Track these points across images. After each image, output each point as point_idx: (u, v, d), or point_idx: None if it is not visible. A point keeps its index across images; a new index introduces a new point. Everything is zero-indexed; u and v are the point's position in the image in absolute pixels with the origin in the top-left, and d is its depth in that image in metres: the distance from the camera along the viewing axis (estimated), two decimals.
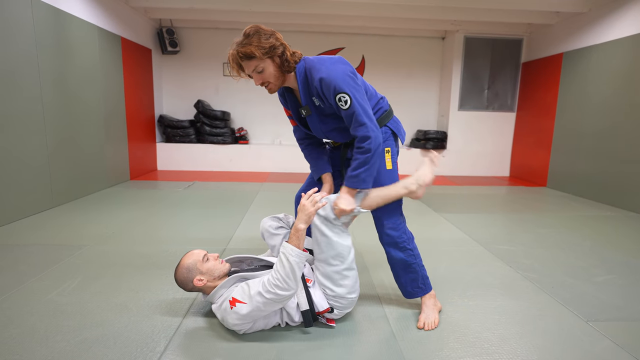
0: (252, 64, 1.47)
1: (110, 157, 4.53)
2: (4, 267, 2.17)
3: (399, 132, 1.69)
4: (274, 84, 1.53)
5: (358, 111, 1.45)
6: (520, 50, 5.99)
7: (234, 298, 1.43)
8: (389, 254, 1.70)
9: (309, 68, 1.51)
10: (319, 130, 1.67)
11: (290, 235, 1.44)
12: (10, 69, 2.96)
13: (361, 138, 1.48)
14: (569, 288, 2.06)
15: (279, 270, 1.39)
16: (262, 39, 1.44)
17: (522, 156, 6.02)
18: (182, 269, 1.56)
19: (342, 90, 1.44)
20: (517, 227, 3.28)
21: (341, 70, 1.46)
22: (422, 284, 1.72)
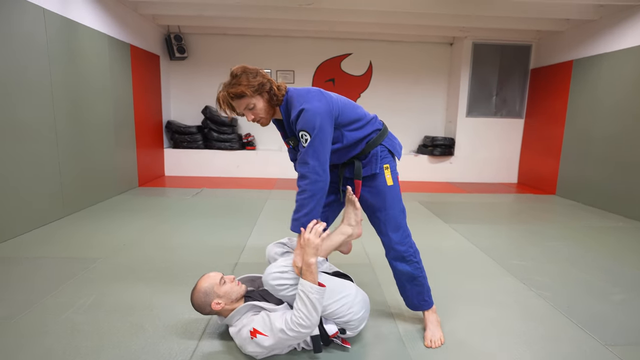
0: (244, 102, 1.52)
1: (120, 164, 4.56)
2: (19, 282, 2.19)
3: (394, 149, 1.71)
4: (266, 118, 1.59)
5: (309, 151, 1.47)
6: (529, 56, 5.95)
7: (255, 329, 1.43)
8: (395, 267, 1.73)
9: (288, 101, 1.56)
10: None
11: (304, 272, 1.44)
12: (23, 79, 2.98)
13: (300, 175, 1.51)
14: (585, 308, 2.04)
15: (301, 309, 1.39)
16: (250, 78, 1.50)
17: (530, 163, 5.99)
18: (199, 293, 1.56)
19: (305, 128, 1.47)
20: (527, 239, 3.26)
21: (316, 109, 1.47)
22: (427, 297, 1.76)
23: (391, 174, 1.68)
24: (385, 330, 1.79)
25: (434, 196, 4.97)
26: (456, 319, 1.90)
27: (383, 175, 1.65)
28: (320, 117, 1.47)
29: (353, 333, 1.62)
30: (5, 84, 2.81)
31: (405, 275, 1.72)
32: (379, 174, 1.65)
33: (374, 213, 1.70)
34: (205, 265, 2.46)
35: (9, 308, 1.90)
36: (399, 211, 1.68)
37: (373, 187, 1.66)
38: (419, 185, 5.71)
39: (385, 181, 1.66)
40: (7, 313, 1.85)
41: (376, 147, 1.65)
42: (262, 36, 6.12)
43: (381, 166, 1.66)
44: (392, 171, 1.68)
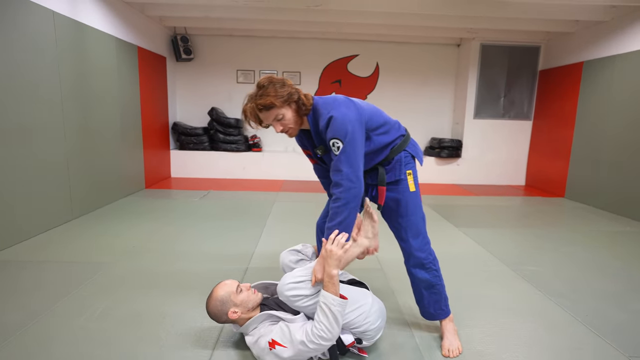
0: (272, 113, 1.50)
1: (127, 166, 4.55)
2: (29, 287, 2.17)
3: (417, 155, 1.70)
4: (294, 129, 1.57)
5: (341, 158, 1.45)
6: (538, 58, 5.89)
7: (273, 340, 1.41)
8: (414, 275, 1.70)
9: (315, 109, 1.54)
10: None
11: (326, 283, 1.41)
12: (33, 81, 2.98)
13: (334, 183, 1.48)
14: (604, 317, 2.00)
15: (322, 322, 1.37)
16: (277, 88, 1.48)
17: (538, 165, 5.93)
18: (216, 302, 1.54)
19: (337, 136, 1.45)
20: (540, 244, 3.22)
21: (345, 116, 1.46)
22: (444, 306, 1.73)
23: (414, 180, 1.66)
24: (401, 339, 1.76)
25: (441, 199, 4.93)
26: (472, 327, 1.87)
27: (406, 181, 1.63)
28: (350, 123, 1.45)
29: (369, 343, 1.60)
30: (15, 86, 2.80)
31: (423, 283, 1.69)
32: (402, 179, 1.63)
33: (396, 219, 1.67)
34: (216, 271, 2.44)
35: (21, 314, 1.88)
36: (420, 218, 1.67)
37: (396, 193, 1.64)
38: (425, 188, 5.66)
39: (408, 187, 1.64)
40: (20, 319, 1.83)
41: (400, 152, 1.64)
42: (268, 37, 6.09)
43: (405, 172, 1.64)
44: (414, 177, 1.66)
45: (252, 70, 6.24)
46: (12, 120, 2.78)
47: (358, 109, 1.51)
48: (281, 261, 1.85)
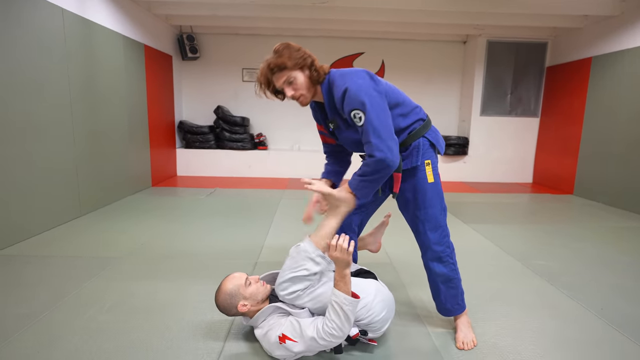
0: (284, 74, 1.47)
1: (134, 163, 4.56)
2: (41, 281, 2.18)
3: (437, 143, 1.61)
4: (306, 95, 1.53)
5: (367, 129, 1.41)
6: (545, 54, 5.85)
7: (284, 335, 1.39)
8: (432, 269, 1.65)
9: (331, 81, 1.50)
10: (348, 142, 1.61)
11: (337, 282, 1.37)
12: (43, 79, 2.99)
13: (368, 155, 1.45)
14: (619, 310, 1.97)
15: (334, 320, 1.34)
16: (292, 52, 1.47)
17: (546, 162, 5.88)
18: (225, 295, 1.52)
19: (356, 107, 1.41)
20: (550, 239, 3.18)
21: (360, 85, 1.42)
22: (460, 301, 1.69)
23: (432, 170, 1.58)
24: (414, 331, 1.74)
25: (449, 196, 4.86)
26: (485, 320, 1.85)
27: (424, 171, 1.57)
28: (367, 93, 1.41)
29: (376, 334, 1.57)
30: (24, 83, 2.82)
31: (440, 277, 1.65)
32: (419, 168, 1.56)
33: (413, 212, 1.61)
34: (225, 265, 2.44)
35: (32, 306, 1.88)
36: (439, 210, 1.61)
37: (413, 183, 1.58)
38: None
39: (426, 177, 1.57)
40: (30, 311, 1.84)
41: (419, 139, 1.56)
42: (274, 35, 6.09)
43: (422, 160, 1.56)
44: (433, 168, 1.59)
45: (257, 69, 6.21)
46: (20, 118, 2.79)
47: (375, 80, 1.46)
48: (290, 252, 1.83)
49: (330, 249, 1.37)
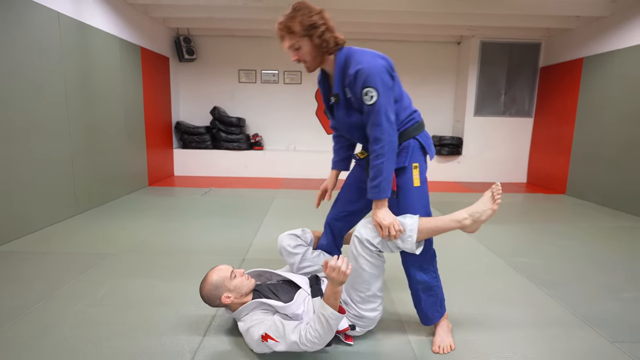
0: (290, 39, 1.46)
1: (130, 163, 4.64)
2: (36, 276, 2.25)
3: (428, 148, 1.60)
4: (311, 63, 1.51)
5: (378, 109, 1.40)
6: (538, 54, 5.89)
7: (267, 334, 1.44)
8: (412, 277, 1.63)
9: (348, 56, 1.47)
10: (343, 123, 1.59)
11: (328, 295, 1.39)
12: (39, 81, 3.07)
13: (374, 139, 1.43)
14: (594, 306, 2.02)
15: (317, 330, 1.38)
16: (305, 16, 1.42)
17: (540, 162, 5.92)
18: (209, 285, 1.57)
19: (372, 85, 1.39)
20: (537, 238, 3.23)
21: (379, 65, 1.41)
22: (440, 307, 1.67)
23: (419, 174, 1.56)
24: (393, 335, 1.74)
25: (441, 196, 4.94)
26: (461, 318, 1.89)
27: (411, 174, 1.55)
28: (385, 75, 1.41)
29: (361, 331, 1.62)
30: (20, 85, 2.90)
31: (421, 285, 1.63)
32: (407, 169, 1.55)
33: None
34: (214, 262, 2.47)
35: (25, 299, 1.96)
36: (423, 215, 1.58)
37: (397, 184, 1.55)
38: None
39: (412, 180, 1.56)
40: (23, 303, 1.91)
41: (409, 139, 1.55)
42: (269, 37, 6.16)
43: (410, 163, 1.55)
44: (421, 172, 1.57)
45: (253, 70, 6.32)
46: (17, 119, 2.87)
47: (390, 63, 1.46)
48: (279, 244, 1.88)
49: (328, 268, 1.37)
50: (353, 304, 1.56)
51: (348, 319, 1.58)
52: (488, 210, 1.51)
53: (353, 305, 1.56)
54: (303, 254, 1.85)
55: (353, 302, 1.56)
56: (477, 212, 1.52)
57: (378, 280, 1.54)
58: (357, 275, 1.52)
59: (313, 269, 1.83)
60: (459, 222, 1.52)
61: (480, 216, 1.52)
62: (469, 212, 1.53)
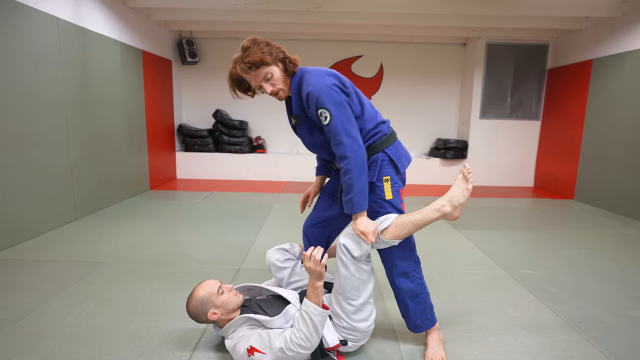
0: (262, 71, 1.46)
1: (131, 167, 4.64)
2: (27, 285, 2.24)
3: (397, 160, 1.58)
4: (284, 89, 1.52)
5: (337, 128, 1.40)
6: (546, 56, 5.76)
7: (252, 347, 1.40)
8: (398, 286, 1.61)
9: (301, 78, 1.50)
10: (307, 142, 1.61)
11: (309, 293, 1.41)
12: (37, 87, 3.06)
13: (339, 157, 1.44)
14: (599, 323, 1.94)
15: (302, 330, 1.36)
16: (264, 47, 1.45)
17: (547, 166, 5.79)
18: (196, 301, 1.53)
19: (323, 105, 1.40)
20: (542, 247, 3.14)
21: (328, 84, 1.42)
22: (430, 315, 1.65)
23: (391, 187, 1.56)
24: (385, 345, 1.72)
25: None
26: (458, 334, 1.83)
27: (381, 187, 1.56)
28: (334, 94, 1.41)
29: (354, 346, 1.58)
30: (18, 92, 2.89)
31: (408, 293, 1.61)
32: (375, 184, 1.55)
33: None
34: (209, 272, 2.47)
35: (15, 311, 1.94)
36: None
37: (370, 199, 1.54)
38: (429, 189, 5.60)
39: (384, 194, 1.56)
40: (13, 316, 1.89)
41: (377, 153, 1.55)
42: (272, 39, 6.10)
43: (380, 177, 1.55)
44: (392, 184, 1.57)
45: None
46: (15, 125, 2.86)
47: (342, 81, 1.46)
48: (267, 260, 1.85)
49: (304, 259, 1.40)
50: (344, 316, 1.52)
51: (339, 334, 1.54)
52: (464, 192, 1.50)
53: (344, 317, 1.52)
54: (292, 268, 1.82)
55: (345, 314, 1.52)
56: (455, 197, 1.50)
57: (368, 286, 1.52)
58: (346, 283, 1.49)
59: (303, 283, 1.79)
60: (439, 210, 1.50)
61: (458, 199, 1.50)
62: (446, 198, 1.52)
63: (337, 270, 1.52)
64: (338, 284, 1.52)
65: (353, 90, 1.53)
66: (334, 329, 1.55)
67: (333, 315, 1.56)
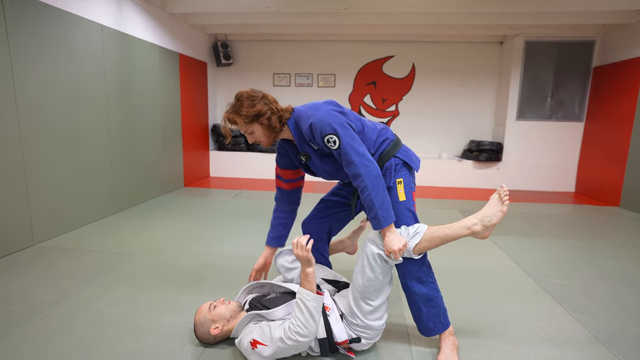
0: (242, 128, 1.59)
1: (167, 165, 4.88)
2: (68, 272, 2.43)
3: (411, 161, 1.65)
4: (266, 141, 1.62)
5: (345, 149, 1.46)
6: (592, 53, 5.41)
7: (254, 340, 1.45)
8: (410, 289, 1.61)
9: (297, 118, 1.58)
10: (323, 172, 1.70)
11: (302, 281, 1.45)
12: (82, 90, 3.31)
13: (353, 176, 1.49)
14: (632, 339, 1.81)
15: (298, 317, 1.40)
16: (249, 107, 1.52)
17: (590, 171, 5.43)
18: (197, 326, 1.63)
19: (328, 132, 1.47)
20: (577, 256, 2.96)
21: (326, 111, 1.49)
22: (443, 319, 1.63)
23: (404, 188, 1.60)
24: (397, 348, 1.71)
25: (477, 204, 4.70)
26: (474, 342, 1.78)
27: (395, 190, 1.59)
28: (334, 117, 1.48)
29: (368, 343, 1.59)
30: (66, 92, 3.14)
31: (421, 297, 1.60)
32: (392, 188, 1.60)
33: None
34: (232, 267, 2.57)
35: (55, 294, 2.12)
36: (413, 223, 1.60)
37: None
38: (461, 192, 5.43)
39: (397, 196, 1.59)
40: (52, 299, 2.07)
41: (389, 160, 1.61)
42: (303, 41, 6.21)
43: (394, 180, 1.60)
44: (405, 186, 1.61)
45: (287, 74, 6.39)
46: (63, 123, 3.12)
47: (336, 105, 1.54)
48: (277, 263, 1.90)
49: (293, 247, 1.47)
50: (360, 315, 1.54)
51: (352, 332, 1.56)
52: (498, 213, 1.49)
53: (360, 316, 1.54)
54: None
55: (361, 313, 1.53)
56: (487, 217, 1.50)
57: (388, 289, 1.55)
58: (370, 284, 1.51)
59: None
60: (469, 228, 1.50)
61: (490, 220, 1.49)
62: (478, 217, 1.51)
63: (361, 272, 1.53)
64: (360, 284, 1.53)
65: (348, 110, 1.60)
66: (346, 326, 1.57)
67: (347, 314, 1.58)
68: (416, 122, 6.24)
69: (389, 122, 6.36)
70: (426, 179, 5.78)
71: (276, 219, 1.91)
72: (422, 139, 6.22)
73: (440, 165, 5.89)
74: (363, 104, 6.37)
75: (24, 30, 2.73)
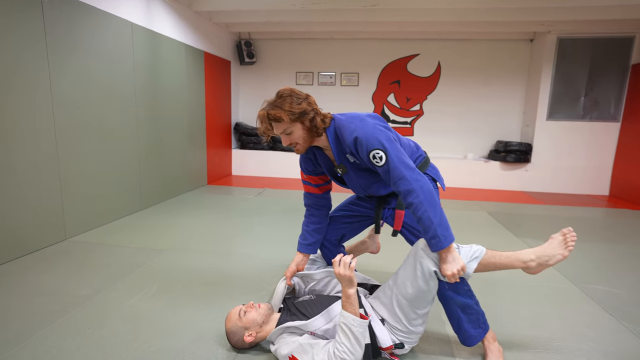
0: (281, 126, 1.49)
1: (191, 163, 4.91)
2: (100, 267, 2.45)
3: (439, 178, 1.68)
4: (302, 145, 1.54)
5: (394, 164, 1.39)
6: (630, 50, 5.16)
7: (293, 356, 1.40)
8: (450, 300, 1.53)
9: (338, 127, 1.51)
10: (357, 187, 1.67)
11: (344, 303, 1.37)
12: (112, 86, 3.35)
13: (405, 193, 1.40)
14: None
15: (344, 343, 1.33)
16: (293, 103, 1.45)
17: (627, 173, 5.19)
18: (230, 335, 1.57)
19: (375, 146, 1.41)
20: (618, 262, 2.81)
21: (372, 125, 1.44)
22: (482, 324, 1.56)
23: None
24: (439, 354, 1.65)
25: (504, 206, 4.55)
26: (520, 347, 1.69)
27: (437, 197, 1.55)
28: (381, 132, 1.43)
29: (408, 348, 1.55)
30: (98, 88, 3.18)
31: (458, 305, 1.53)
32: None
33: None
34: (256, 267, 2.54)
35: (90, 288, 2.14)
36: None
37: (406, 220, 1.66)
38: (488, 194, 5.27)
39: None
40: (89, 292, 2.09)
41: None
42: (327, 39, 6.16)
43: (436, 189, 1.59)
44: None
45: (311, 72, 6.36)
46: (93, 118, 3.15)
47: (380, 119, 1.52)
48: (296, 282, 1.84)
49: (334, 265, 1.39)
50: (405, 322, 1.49)
51: (396, 337, 1.51)
52: (558, 256, 1.46)
53: (405, 322, 1.49)
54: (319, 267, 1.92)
55: (407, 320, 1.48)
56: (546, 256, 1.46)
57: (433, 297, 1.51)
58: (421, 295, 1.46)
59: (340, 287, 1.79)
60: (524, 262, 1.48)
61: (548, 260, 1.46)
62: (536, 253, 1.48)
63: (412, 282, 1.46)
64: (410, 293, 1.47)
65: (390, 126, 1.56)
66: (389, 331, 1.51)
67: (389, 320, 1.52)
68: (441, 122, 6.11)
69: (413, 121, 6.24)
70: (452, 180, 5.64)
71: (309, 224, 1.86)
72: (447, 139, 6.09)
73: (467, 166, 5.74)
74: (387, 103, 6.28)
75: (59, 26, 2.77)
